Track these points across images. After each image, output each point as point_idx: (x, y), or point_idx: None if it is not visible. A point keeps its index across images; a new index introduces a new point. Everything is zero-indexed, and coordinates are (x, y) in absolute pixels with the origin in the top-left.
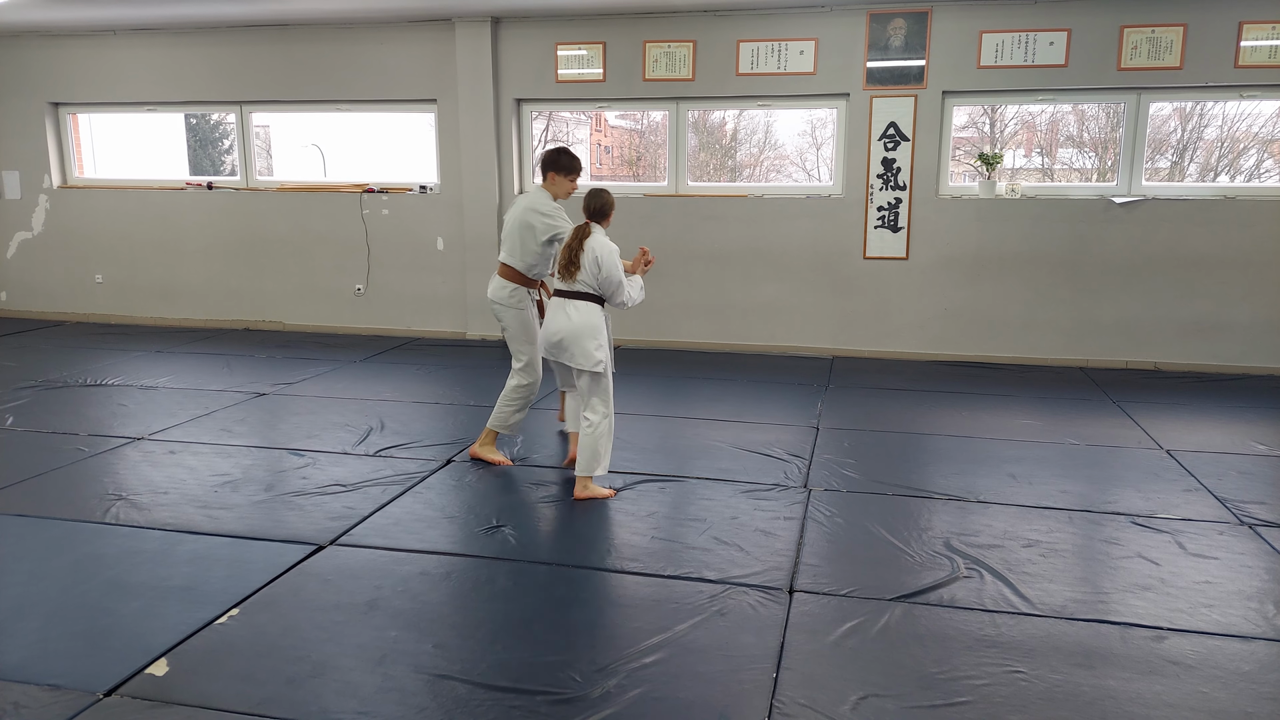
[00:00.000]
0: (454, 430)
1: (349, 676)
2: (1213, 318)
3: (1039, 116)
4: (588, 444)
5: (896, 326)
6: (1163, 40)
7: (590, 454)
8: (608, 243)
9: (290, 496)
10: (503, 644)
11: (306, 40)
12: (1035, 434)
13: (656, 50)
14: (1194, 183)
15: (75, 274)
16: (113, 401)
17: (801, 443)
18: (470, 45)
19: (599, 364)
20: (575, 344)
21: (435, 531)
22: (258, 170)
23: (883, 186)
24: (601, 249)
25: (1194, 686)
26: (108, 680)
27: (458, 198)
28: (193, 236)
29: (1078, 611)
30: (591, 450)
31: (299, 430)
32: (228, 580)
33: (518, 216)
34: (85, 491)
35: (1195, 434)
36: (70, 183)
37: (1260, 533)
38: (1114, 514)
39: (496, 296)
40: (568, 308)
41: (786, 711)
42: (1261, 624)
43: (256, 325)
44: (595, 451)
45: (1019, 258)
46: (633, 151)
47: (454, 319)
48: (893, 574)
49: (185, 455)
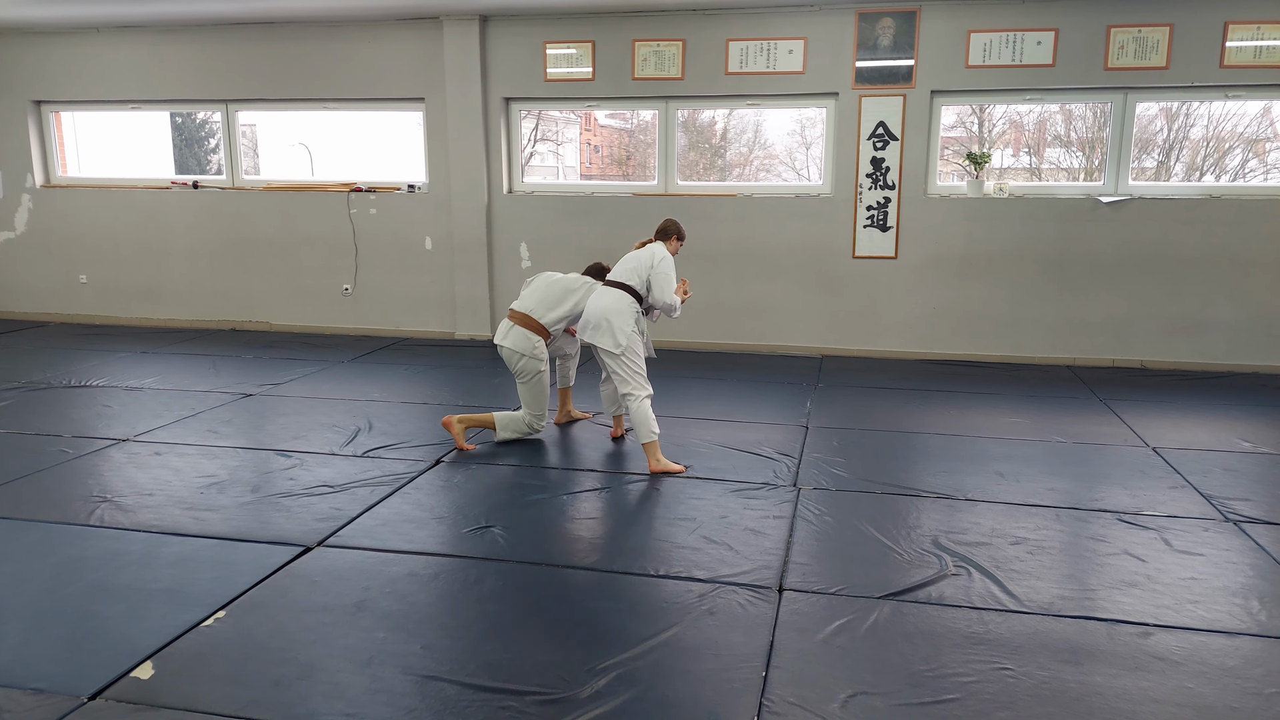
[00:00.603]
0: (442, 431)
1: (337, 678)
2: (1198, 316)
3: (1027, 116)
4: (638, 418)
5: (885, 325)
6: (1149, 40)
7: (642, 424)
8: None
9: (277, 498)
10: (491, 644)
11: (293, 38)
12: (1023, 432)
13: (645, 49)
14: (1180, 182)
15: (59, 274)
16: (97, 403)
17: (791, 441)
18: (458, 43)
19: (619, 345)
20: (602, 324)
21: (423, 532)
22: (244, 169)
23: (871, 186)
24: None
25: (1179, 682)
26: (92, 684)
27: (446, 197)
28: (178, 236)
29: (1065, 608)
30: (642, 420)
31: (286, 431)
32: (214, 582)
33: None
34: (69, 494)
35: (1181, 431)
36: (54, 182)
37: (1245, 529)
38: (1101, 511)
39: (520, 347)
40: (603, 294)
41: (776, 710)
42: (1246, 620)
43: (243, 326)
44: (645, 420)
45: (1007, 257)
46: (622, 150)
47: (442, 319)
48: (881, 572)
49: (171, 457)
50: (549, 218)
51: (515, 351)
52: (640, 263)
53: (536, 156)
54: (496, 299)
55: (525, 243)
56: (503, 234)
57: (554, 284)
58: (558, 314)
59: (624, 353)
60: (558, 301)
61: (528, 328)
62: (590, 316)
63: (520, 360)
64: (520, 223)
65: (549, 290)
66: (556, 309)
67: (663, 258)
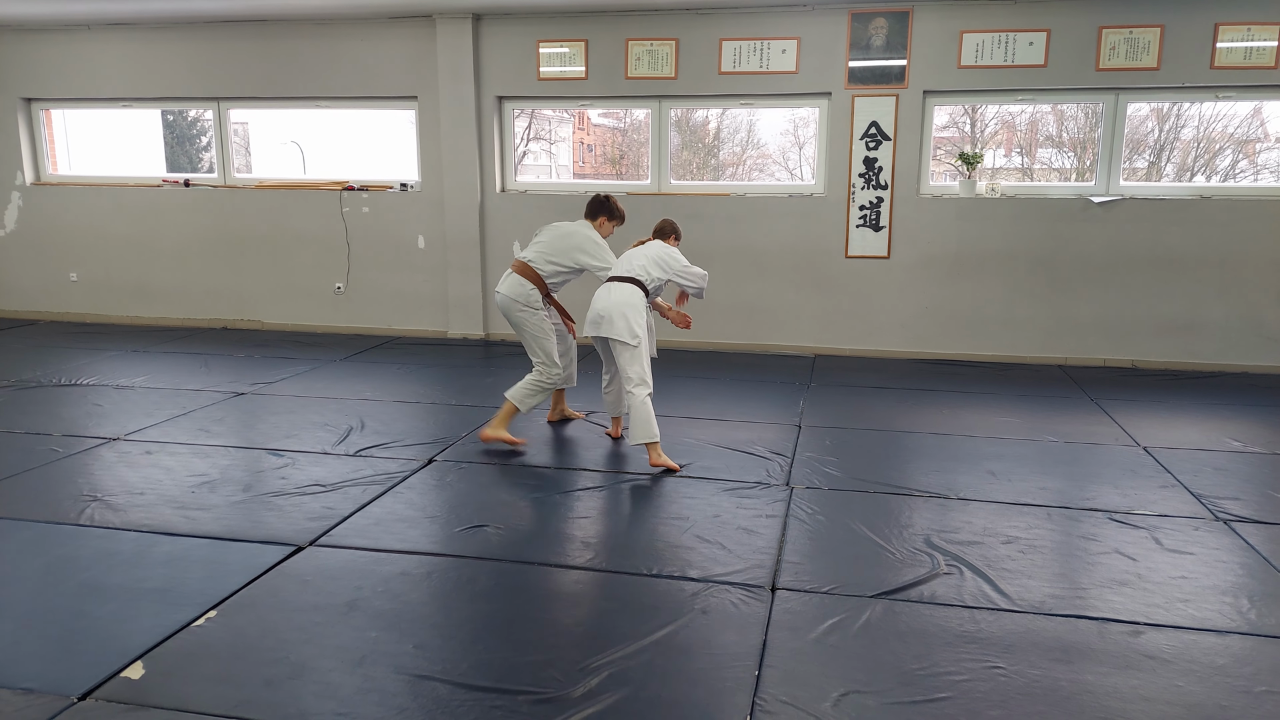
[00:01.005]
0: (435, 430)
1: (328, 678)
2: (1189, 316)
3: (1019, 116)
4: (639, 416)
5: (878, 325)
6: (1140, 41)
7: (643, 424)
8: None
9: (269, 497)
10: (484, 644)
11: (285, 36)
12: (1014, 431)
13: (639, 48)
14: (1171, 182)
15: (49, 272)
16: (87, 401)
17: (784, 440)
18: (451, 42)
19: (635, 337)
20: (616, 317)
21: (416, 531)
22: (236, 167)
23: (864, 186)
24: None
25: (1170, 680)
26: (83, 684)
27: (439, 196)
28: (169, 234)
29: (1056, 607)
30: (643, 420)
31: (278, 430)
32: (205, 582)
33: (572, 229)
34: (59, 493)
35: (1172, 431)
36: (44, 180)
37: (1235, 528)
38: (1092, 510)
39: (514, 294)
40: (611, 289)
41: (769, 709)
42: (1236, 618)
43: (234, 324)
44: (646, 420)
45: (999, 256)
46: (615, 150)
47: (435, 318)
48: (874, 571)
49: (162, 456)
50: (542, 217)
51: (509, 298)
52: (647, 258)
53: (529, 156)
54: (489, 298)
55: (518, 242)
56: (495, 233)
57: (560, 237)
58: (555, 266)
59: (639, 344)
60: (559, 253)
61: (524, 275)
62: (602, 311)
63: (516, 311)
64: (513, 222)
65: (554, 243)
66: (555, 260)
67: (668, 249)
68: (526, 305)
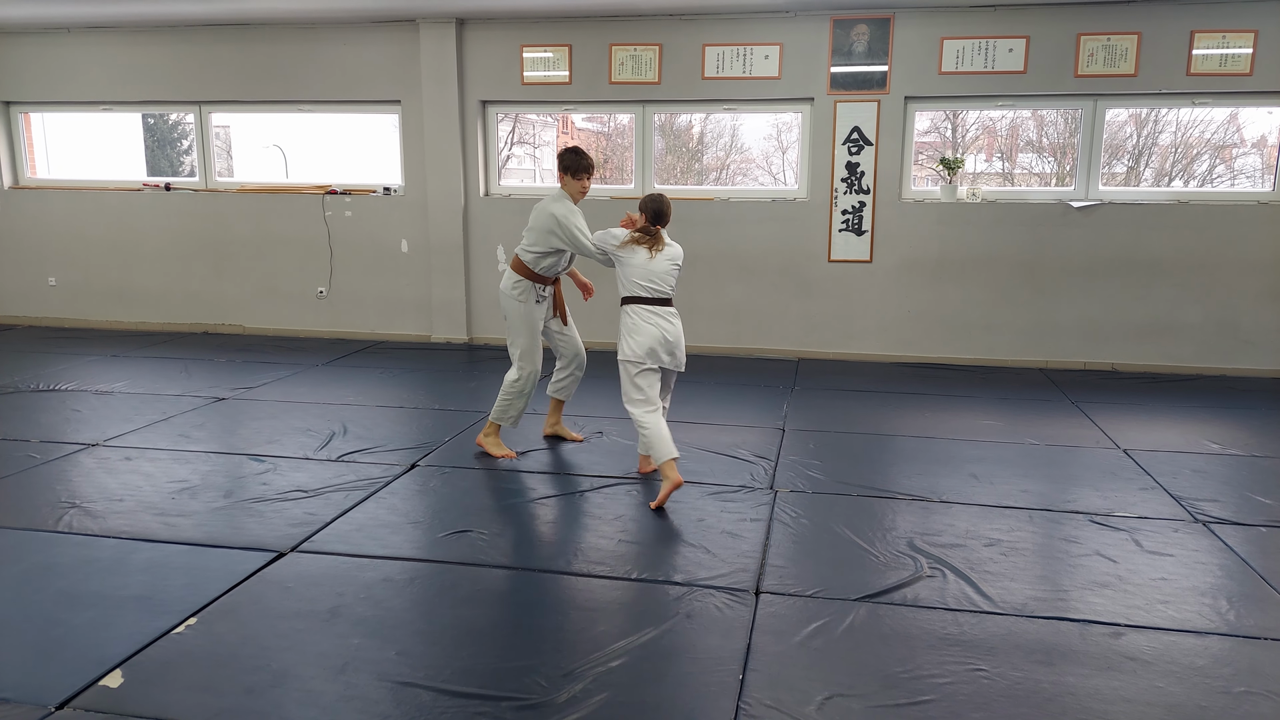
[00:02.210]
0: (418, 434)
1: (310, 685)
2: (1168, 319)
3: (999, 122)
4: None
5: (861, 329)
6: (1118, 48)
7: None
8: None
9: (250, 503)
10: (467, 650)
11: (268, 40)
12: (996, 434)
13: (622, 53)
14: (1149, 187)
15: (27, 276)
16: (66, 407)
17: (767, 444)
18: (435, 46)
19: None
20: (681, 350)
21: (399, 537)
22: (217, 171)
23: (847, 190)
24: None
25: (1150, 681)
26: (60, 693)
27: (422, 200)
28: (150, 238)
29: (1038, 609)
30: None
31: (259, 435)
32: (185, 589)
33: (539, 208)
34: (37, 500)
35: (1151, 433)
36: (22, 183)
37: (1214, 530)
38: (1073, 513)
39: (503, 285)
40: (667, 314)
41: (753, 713)
42: (1215, 619)
43: (216, 329)
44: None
45: (980, 261)
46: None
47: (418, 322)
48: (857, 574)
49: (141, 461)
50: (526, 221)
51: (500, 290)
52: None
53: (513, 159)
54: (473, 302)
55: (502, 245)
56: (479, 237)
57: (534, 216)
58: (535, 252)
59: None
60: (534, 235)
61: (514, 267)
62: (674, 339)
63: (503, 301)
64: (497, 225)
65: (531, 225)
66: (533, 247)
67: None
68: (511, 295)
